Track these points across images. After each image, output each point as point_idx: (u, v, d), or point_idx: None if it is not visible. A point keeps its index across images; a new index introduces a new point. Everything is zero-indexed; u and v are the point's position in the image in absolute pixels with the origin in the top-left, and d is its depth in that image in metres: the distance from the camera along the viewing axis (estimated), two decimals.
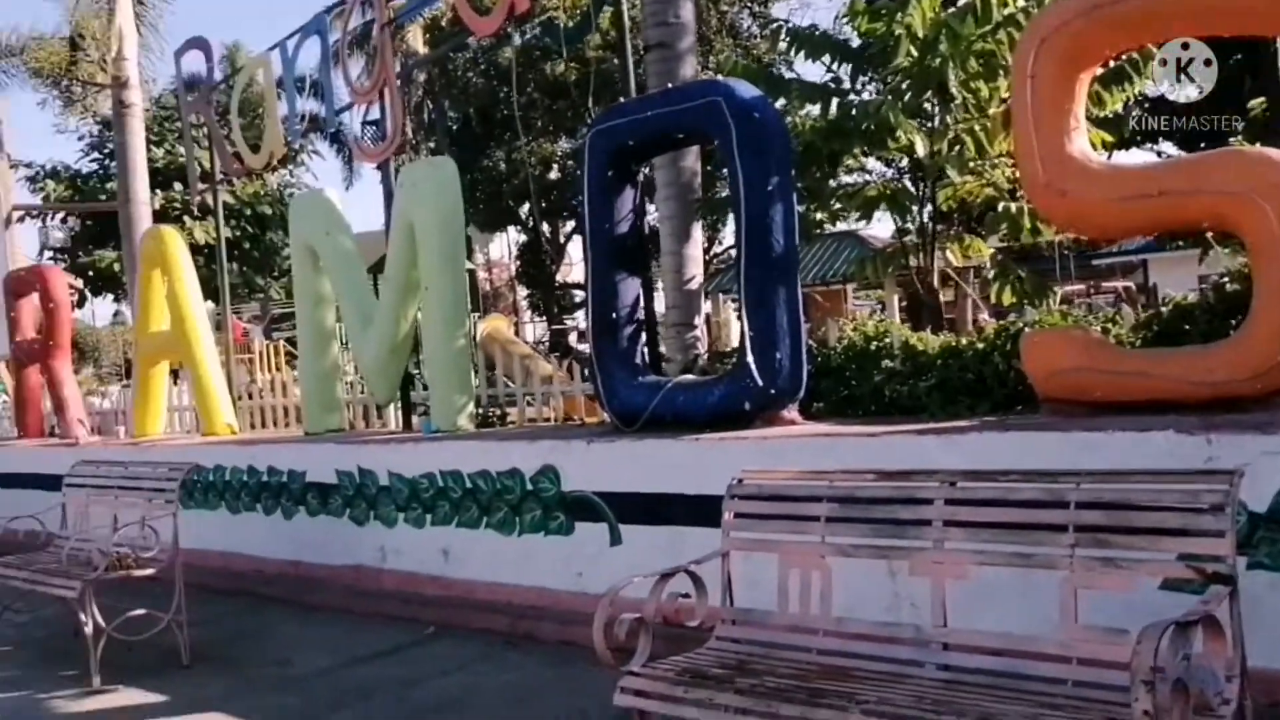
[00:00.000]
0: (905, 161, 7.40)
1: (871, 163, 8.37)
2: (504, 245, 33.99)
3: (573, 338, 24.48)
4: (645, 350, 6.13)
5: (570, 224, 28.39)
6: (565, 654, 5.29)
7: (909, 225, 7.39)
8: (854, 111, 6.83)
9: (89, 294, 23.92)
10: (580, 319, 26.10)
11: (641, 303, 6.07)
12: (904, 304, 18.67)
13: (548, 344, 25.01)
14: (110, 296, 26.04)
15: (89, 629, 5.47)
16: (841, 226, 9.05)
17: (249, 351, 15.52)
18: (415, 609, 6.35)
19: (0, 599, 6.45)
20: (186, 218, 19.86)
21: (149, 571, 5.85)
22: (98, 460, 7.16)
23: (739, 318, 5.84)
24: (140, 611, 5.80)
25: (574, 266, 30.03)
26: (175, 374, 11.05)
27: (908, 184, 7.54)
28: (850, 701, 2.84)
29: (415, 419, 8.29)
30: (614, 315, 5.90)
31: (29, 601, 6.58)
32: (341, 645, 6.04)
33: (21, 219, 20.21)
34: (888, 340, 5.83)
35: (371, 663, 5.63)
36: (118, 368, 31.24)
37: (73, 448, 9.90)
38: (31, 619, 6.75)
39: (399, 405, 8.28)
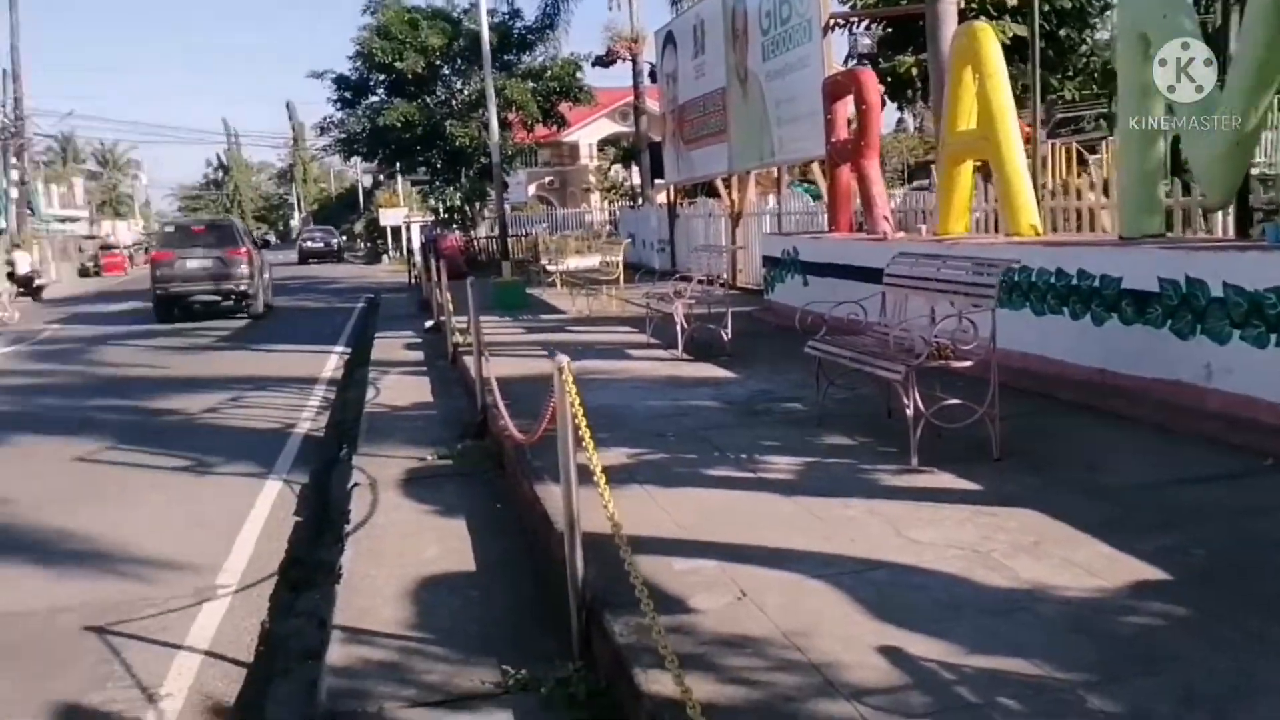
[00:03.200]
0: None
1: None
2: None
3: None
4: None
5: None
6: None
7: None
8: None
9: (885, 99, 25.06)
10: None
11: None
12: None
13: None
14: (894, 105, 27.01)
15: (910, 411, 5.78)
16: None
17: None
18: (1247, 435, 5.68)
19: (826, 374, 7.12)
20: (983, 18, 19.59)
21: (966, 364, 5.98)
22: (915, 254, 7.45)
23: None
24: (955, 401, 6.00)
25: None
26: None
27: None
28: None
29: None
30: None
31: (848, 379, 7.21)
32: (1158, 462, 5.66)
33: (835, 27, 21.66)
34: None
35: (1196, 486, 5.17)
36: (898, 172, 32.81)
37: (881, 242, 10.54)
38: (849, 396, 7.40)
39: (1231, 210, 7.31)
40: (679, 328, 10.42)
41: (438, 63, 28.28)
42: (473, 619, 4.58)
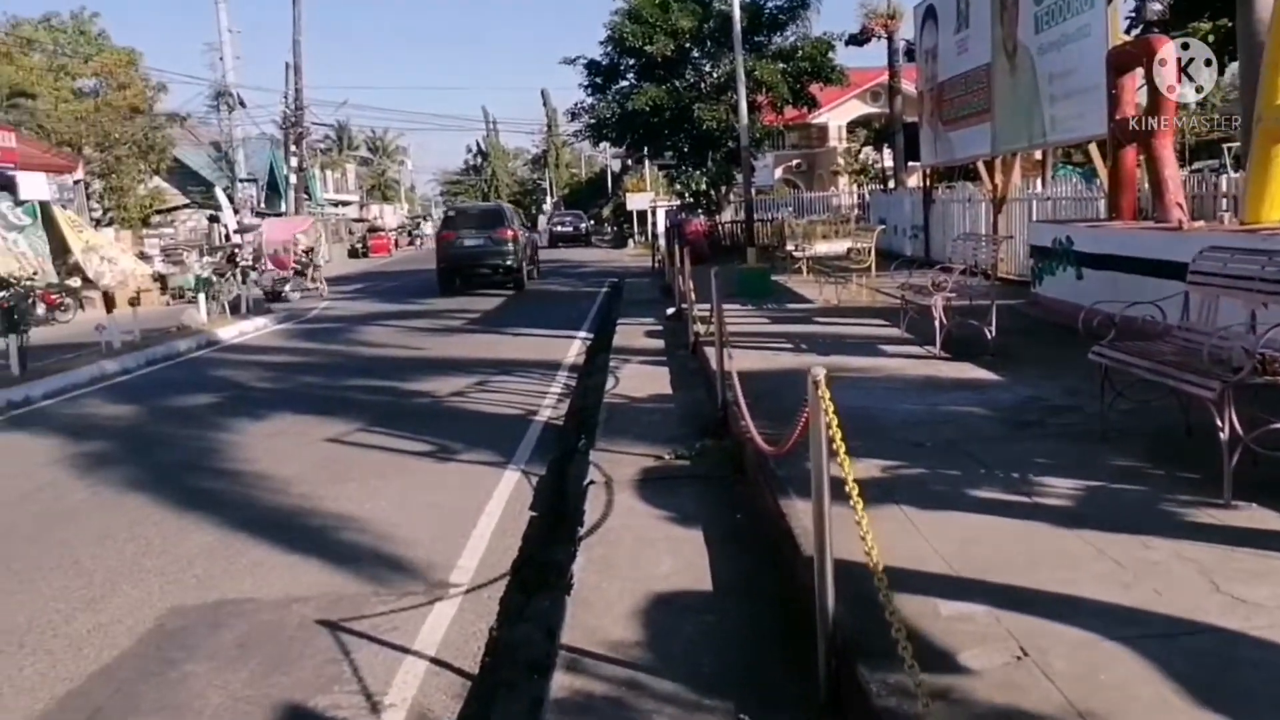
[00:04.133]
0: None
1: None
2: None
3: None
4: None
5: None
6: None
7: None
8: None
9: None
10: None
11: None
12: None
13: None
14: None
15: (1224, 435, 4.90)
16: None
17: None
18: None
19: (1113, 383, 6.26)
20: None
21: None
22: (1229, 248, 6.41)
23: None
24: None
25: None
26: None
27: None
28: None
29: None
30: None
31: (1136, 391, 6.30)
32: None
33: None
34: None
35: None
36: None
37: (1174, 232, 9.36)
38: (1136, 407, 6.48)
39: None
40: (937, 323, 9.60)
41: (687, 45, 28.08)
42: (708, 650, 4.16)
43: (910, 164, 24.14)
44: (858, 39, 28.19)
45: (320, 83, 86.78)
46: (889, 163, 44.47)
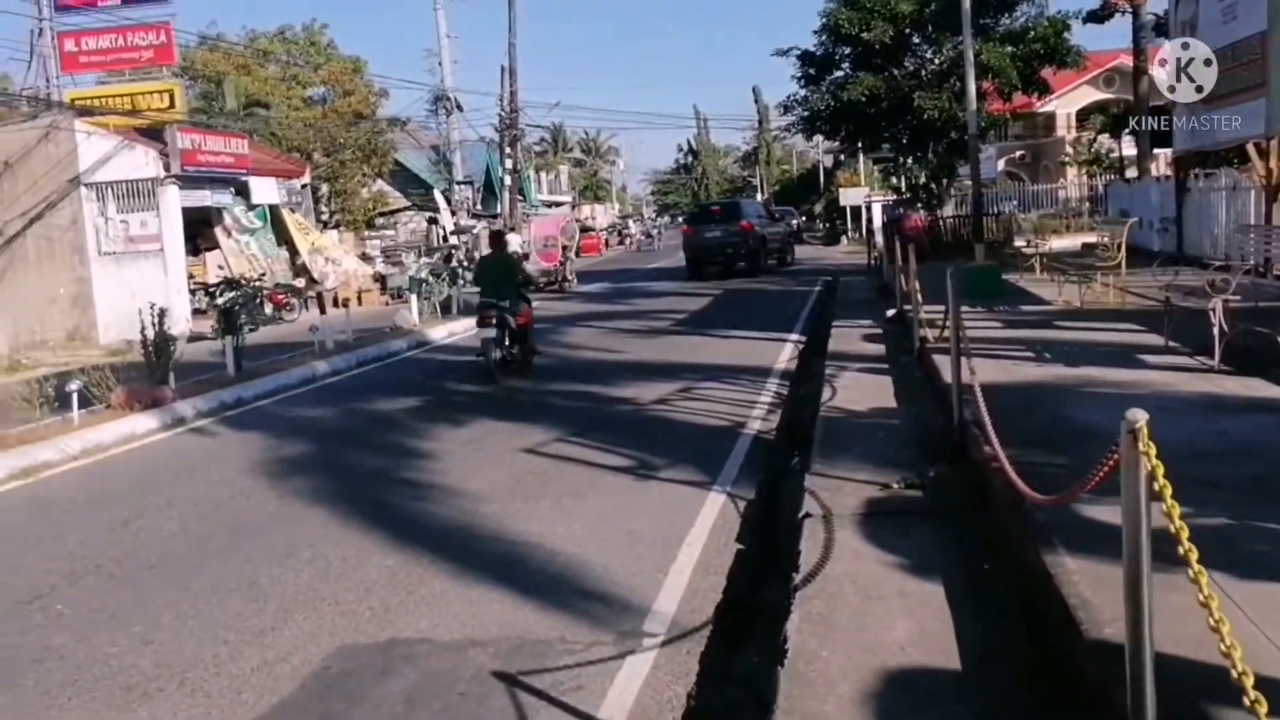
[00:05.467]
0: None
1: None
2: None
3: None
4: None
5: None
6: None
7: None
8: None
9: None
10: None
11: None
12: None
13: None
14: None
15: None
16: None
17: None
18: None
19: None
20: None
21: None
22: None
23: None
24: None
25: None
26: None
27: None
28: None
29: None
30: None
31: None
32: None
33: None
34: None
35: None
36: None
37: None
38: None
39: None
40: (1216, 330, 8.14)
41: (907, 31, 26.53)
42: None
43: (1157, 151, 21.92)
44: (1098, 15, 25.88)
45: (535, 84, 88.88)
46: (1128, 151, 41.23)
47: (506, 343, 12.30)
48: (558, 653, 4.62)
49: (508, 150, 40.46)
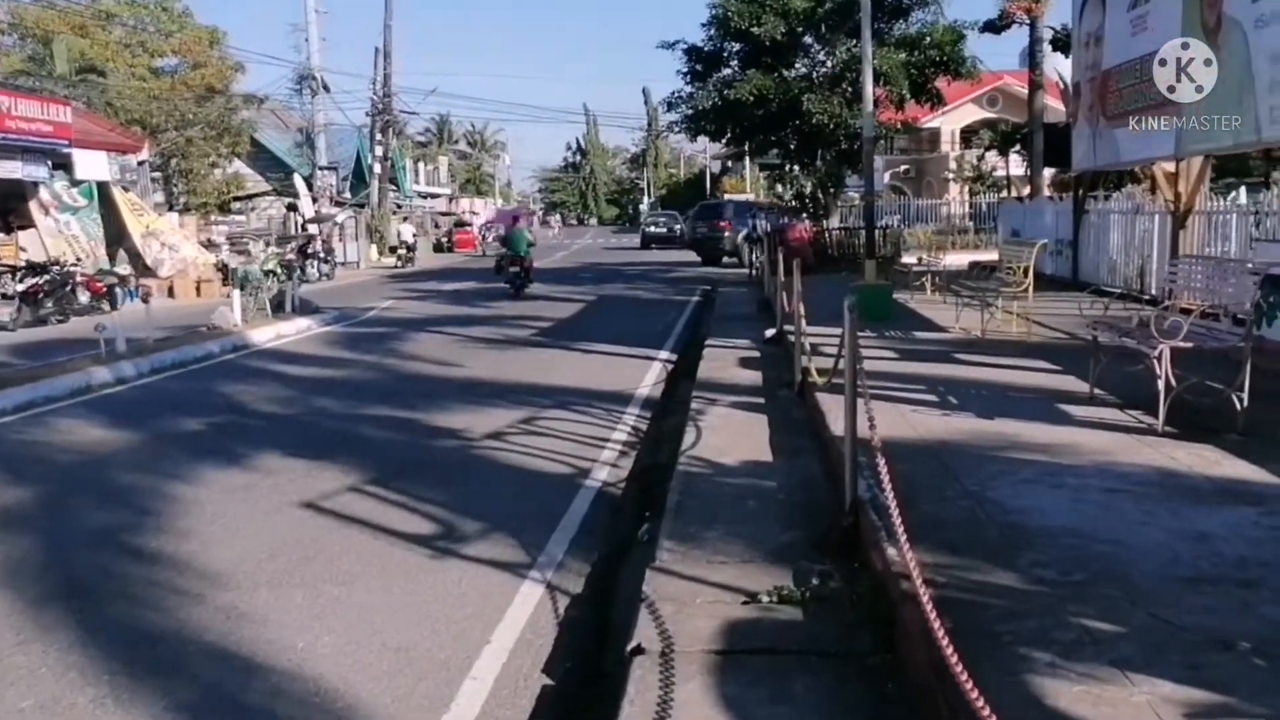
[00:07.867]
0: None
1: None
2: None
3: None
4: None
5: None
6: None
7: None
8: None
9: None
10: None
11: None
12: None
13: None
14: None
15: None
16: None
17: None
18: None
19: None
20: None
21: None
22: None
23: None
24: None
25: None
26: None
27: None
28: None
29: None
30: None
31: None
32: None
33: None
34: None
35: None
36: None
37: None
38: None
39: None
40: (1162, 384, 6.64)
41: (799, 29, 25.14)
42: None
43: (1049, 170, 21.02)
44: (995, 25, 24.99)
45: (417, 69, 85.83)
46: (1016, 170, 40.98)
47: (520, 273, 22.41)
48: None
49: (378, 136, 38.01)
